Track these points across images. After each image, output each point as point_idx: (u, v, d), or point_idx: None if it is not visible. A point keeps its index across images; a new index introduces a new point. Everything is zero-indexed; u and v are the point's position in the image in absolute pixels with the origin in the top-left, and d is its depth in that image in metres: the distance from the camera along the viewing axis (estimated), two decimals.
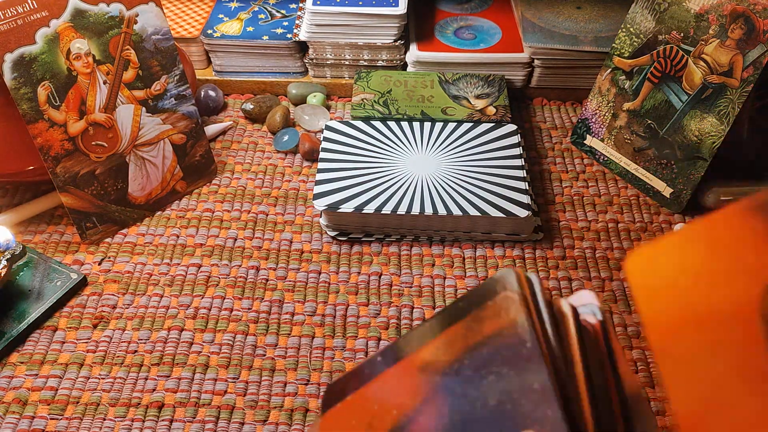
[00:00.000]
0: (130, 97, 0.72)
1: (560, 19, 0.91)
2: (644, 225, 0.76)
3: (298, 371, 0.61)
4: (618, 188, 0.80)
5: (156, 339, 0.63)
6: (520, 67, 0.90)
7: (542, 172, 0.82)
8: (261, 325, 0.65)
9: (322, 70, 0.92)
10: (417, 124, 0.81)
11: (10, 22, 0.62)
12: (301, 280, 0.69)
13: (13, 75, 0.63)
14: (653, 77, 0.76)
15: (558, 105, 0.92)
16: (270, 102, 0.88)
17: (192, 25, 0.93)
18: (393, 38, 0.88)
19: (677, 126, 0.75)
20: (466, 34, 0.93)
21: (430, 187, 0.72)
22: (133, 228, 0.74)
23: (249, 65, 0.92)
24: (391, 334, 0.64)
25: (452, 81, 0.87)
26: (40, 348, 0.63)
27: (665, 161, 0.76)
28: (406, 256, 0.71)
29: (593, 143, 0.83)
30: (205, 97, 0.88)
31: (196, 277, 0.69)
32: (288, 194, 0.78)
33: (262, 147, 0.85)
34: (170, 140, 0.75)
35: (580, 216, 0.76)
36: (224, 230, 0.74)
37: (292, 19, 0.93)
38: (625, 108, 0.79)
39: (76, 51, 0.67)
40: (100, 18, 0.68)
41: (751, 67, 0.68)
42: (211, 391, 0.60)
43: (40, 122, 0.66)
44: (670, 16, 0.74)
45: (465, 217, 0.70)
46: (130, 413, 0.58)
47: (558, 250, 0.72)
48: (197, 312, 0.66)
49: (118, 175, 0.72)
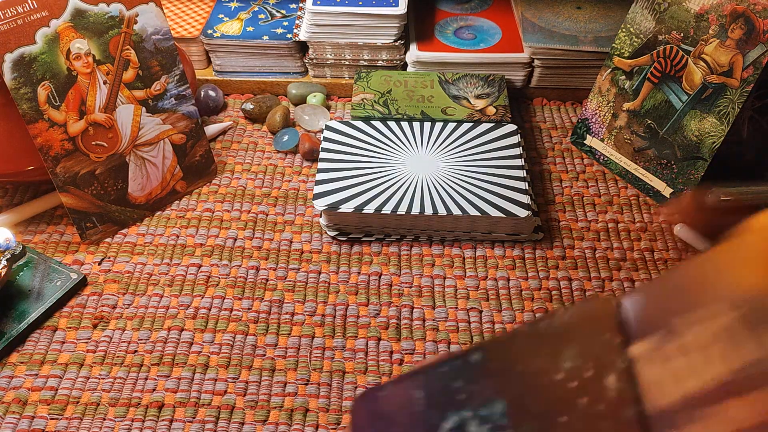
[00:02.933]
0: (130, 97, 0.72)
1: (560, 19, 0.91)
2: (644, 225, 0.76)
3: (298, 371, 0.61)
4: (618, 188, 0.80)
5: (156, 339, 0.63)
6: (520, 67, 0.90)
7: (542, 172, 0.82)
8: (261, 325, 0.65)
9: (322, 70, 0.92)
10: (417, 124, 0.81)
11: (10, 22, 0.62)
12: (301, 280, 0.69)
13: (13, 75, 0.63)
14: (653, 77, 0.76)
15: (558, 105, 0.92)
16: (270, 102, 0.88)
17: (192, 25, 0.93)
18: (393, 38, 0.88)
19: (677, 126, 0.75)
20: (466, 34, 0.93)
21: (430, 187, 0.72)
22: (133, 228, 0.74)
23: (249, 65, 0.92)
24: (391, 334, 0.64)
25: (452, 81, 0.87)
26: (40, 348, 0.63)
27: (665, 161, 0.76)
28: (406, 256, 0.71)
29: (593, 143, 0.83)
30: (205, 97, 0.88)
31: (196, 277, 0.69)
32: (288, 194, 0.78)
33: (262, 147, 0.85)
34: (170, 140, 0.75)
35: (580, 216, 0.76)
36: (224, 230, 0.74)
37: (292, 19, 0.93)
38: (625, 108, 0.79)
39: (76, 51, 0.67)
40: (100, 18, 0.68)
41: (751, 67, 0.68)
42: (211, 391, 0.60)
43: (40, 122, 0.66)
44: (670, 16, 0.74)
45: (465, 217, 0.70)
46: (130, 413, 0.58)
47: (558, 250, 0.72)
48: (197, 312, 0.66)
49: (118, 175, 0.72)
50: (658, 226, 0.76)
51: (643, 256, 0.72)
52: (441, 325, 0.65)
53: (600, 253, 0.72)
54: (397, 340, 0.64)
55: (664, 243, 0.74)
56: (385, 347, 0.63)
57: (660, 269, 0.71)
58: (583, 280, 0.70)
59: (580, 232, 0.74)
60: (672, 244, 0.74)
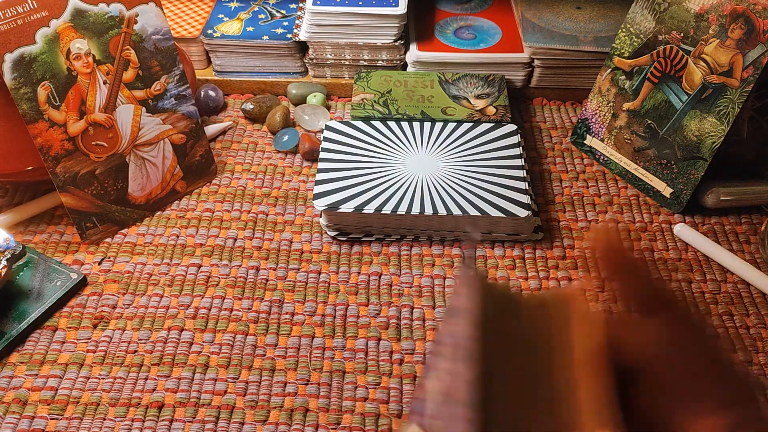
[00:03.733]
0: (130, 97, 0.72)
1: (560, 19, 0.91)
2: (644, 225, 0.76)
3: (298, 371, 0.61)
4: (618, 188, 0.80)
5: (156, 339, 0.63)
6: (520, 67, 0.90)
7: (542, 172, 0.82)
8: (261, 325, 0.65)
9: (322, 70, 0.92)
10: (417, 124, 0.81)
11: (10, 22, 0.62)
12: (301, 280, 0.69)
13: (13, 75, 0.63)
14: (653, 77, 0.76)
15: (558, 105, 0.92)
16: (270, 102, 0.88)
17: (192, 25, 0.93)
18: (393, 38, 0.88)
19: (677, 126, 0.75)
20: (466, 34, 0.93)
21: (430, 187, 0.72)
22: (133, 228, 0.74)
23: (249, 65, 0.92)
24: (391, 334, 0.64)
25: (452, 81, 0.87)
26: (40, 348, 0.63)
27: (665, 161, 0.76)
28: (406, 256, 0.71)
29: (593, 143, 0.83)
30: (205, 97, 0.88)
31: (196, 277, 0.69)
32: (288, 194, 0.78)
33: (262, 147, 0.85)
34: (170, 140, 0.75)
35: (580, 216, 0.76)
36: (224, 230, 0.74)
37: (292, 19, 0.93)
38: (625, 108, 0.79)
39: (76, 51, 0.67)
40: (100, 18, 0.68)
41: (751, 67, 0.68)
42: (211, 391, 0.60)
43: (40, 122, 0.66)
44: (670, 16, 0.74)
45: (465, 217, 0.70)
46: (130, 413, 0.58)
47: (558, 250, 0.72)
48: (197, 312, 0.66)
49: (118, 175, 0.72)
50: (658, 226, 0.76)
51: (643, 256, 0.72)
52: None
53: None
54: (397, 340, 0.64)
55: (664, 243, 0.74)
56: (385, 347, 0.63)
57: (660, 269, 0.71)
58: (583, 280, 0.70)
59: (580, 232, 0.74)
60: (672, 244, 0.74)
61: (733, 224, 0.76)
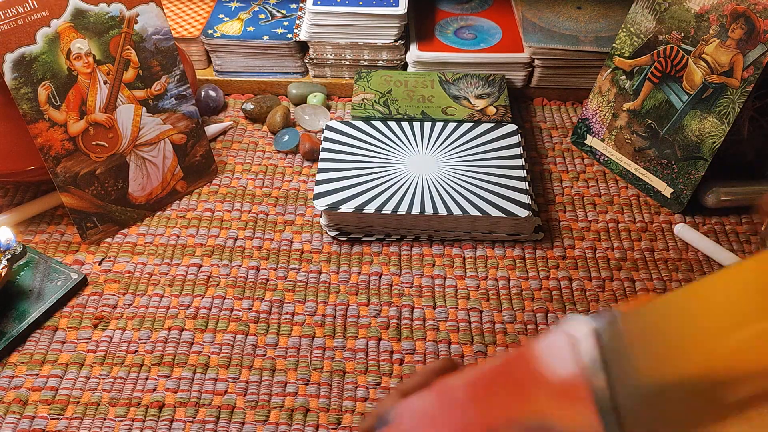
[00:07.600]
0: (131, 97, 0.72)
1: (560, 19, 0.91)
2: (644, 225, 0.75)
3: (299, 371, 0.61)
4: (618, 188, 0.80)
5: (156, 339, 0.63)
6: (521, 67, 0.90)
7: (542, 172, 0.82)
8: (261, 325, 0.65)
9: (322, 70, 0.92)
10: (417, 124, 0.81)
11: (10, 22, 0.62)
12: (302, 280, 0.69)
13: (13, 75, 0.63)
14: (653, 77, 0.76)
15: (558, 105, 0.92)
16: (270, 102, 0.88)
17: (192, 25, 0.93)
18: (393, 38, 0.88)
19: (677, 126, 0.75)
20: (467, 34, 0.93)
21: (430, 187, 0.72)
22: (134, 228, 0.74)
23: (249, 65, 0.92)
24: (391, 334, 0.64)
25: (452, 81, 0.87)
26: (41, 348, 0.63)
27: (665, 161, 0.76)
28: (406, 256, 0.71)
29: (593, 143, 0.83)
30: (205, 97, 0.88)
31: (196, 277, 0.69)
32: (288, 194, 0.78)
33: (262, 147, 0.85)
34: (170, 140, 0.75)
35: (580, 216, 0.76)
36: (224, 230, 0.74)
37: (292, 19, 0.93)
38: (626, 108, 0.79)
39: (77, 51, 0.67)
40: (101, 18, 0.68)
41: (751, 67, 0.68)
42: (211, 391, 0.60)
43: (40, 122, 0.66)
44: (671, 16, 0.74)
45: (465, 217, 0.70)
46: (130, 413, 0.58)
47: (558, 250, 0.72)
48: (197, 312, 0.66)
49: (118, 175, 0.72)
50: (659, 226, 0.76)
51: (644, 256, 0.72)
52: (441, 325, 0.65)
53: (600, 253, 0.72)
54: (398, 340, 0.64)
55: (664, 243, 0.74)
56: (385, 347, 0.63)
57: (660, 269, 0.71)
58: (584, 280, 0.70)
59: (580, 232, 0.74)
60: (672, 244, 0.74)
61: (734, 224, 0.76)
